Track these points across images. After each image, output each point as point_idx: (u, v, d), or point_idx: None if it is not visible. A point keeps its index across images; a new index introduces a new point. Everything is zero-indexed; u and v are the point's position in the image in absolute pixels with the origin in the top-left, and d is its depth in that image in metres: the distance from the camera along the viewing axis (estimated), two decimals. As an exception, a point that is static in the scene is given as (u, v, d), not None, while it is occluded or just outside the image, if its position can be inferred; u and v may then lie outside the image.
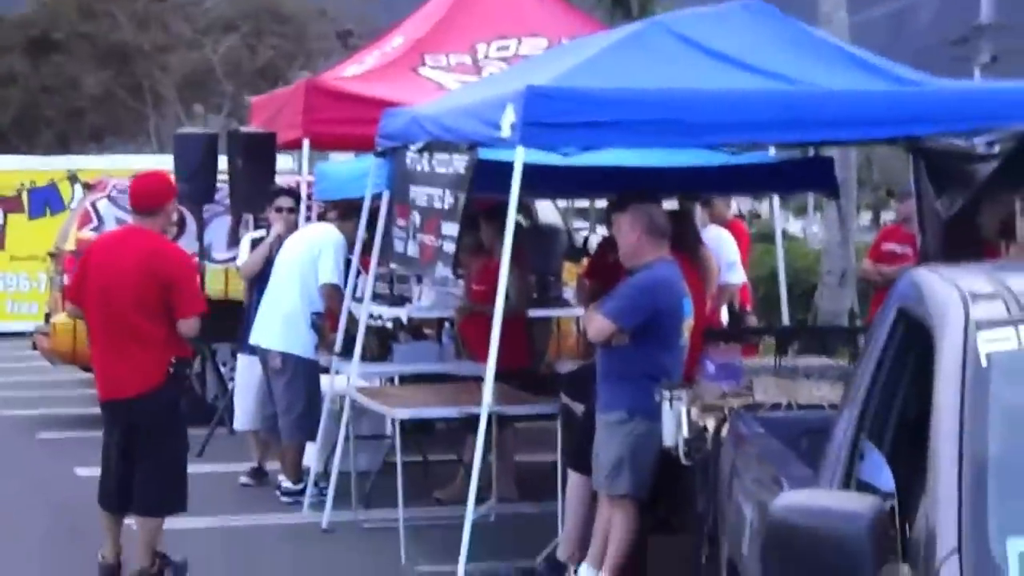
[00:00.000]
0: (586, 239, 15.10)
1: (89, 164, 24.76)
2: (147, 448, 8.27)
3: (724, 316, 11.74)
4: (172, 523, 9.84)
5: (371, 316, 12.67)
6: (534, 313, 12.00)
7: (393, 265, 10.32)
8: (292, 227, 11.29)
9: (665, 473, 7.70)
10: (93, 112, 45.71)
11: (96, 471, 8.66)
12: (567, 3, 13.66)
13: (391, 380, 11.73)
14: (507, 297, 10.77)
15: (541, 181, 10.61)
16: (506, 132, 7.83)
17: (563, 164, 10.06)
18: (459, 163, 8.51)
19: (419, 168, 9.16)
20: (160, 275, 8.13)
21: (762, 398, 7.57)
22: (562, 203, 16.30)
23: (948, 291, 3.82)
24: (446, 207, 8.66)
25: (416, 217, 9.13)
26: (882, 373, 4.14)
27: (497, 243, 10.76)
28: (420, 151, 9.12)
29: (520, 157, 7.83)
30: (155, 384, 8.16)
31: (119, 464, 8.35)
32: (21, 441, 13.78)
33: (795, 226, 46.89)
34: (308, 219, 11.98)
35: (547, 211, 14.73)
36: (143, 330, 8.12)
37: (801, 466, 4.84)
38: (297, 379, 10.70)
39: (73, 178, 23.04)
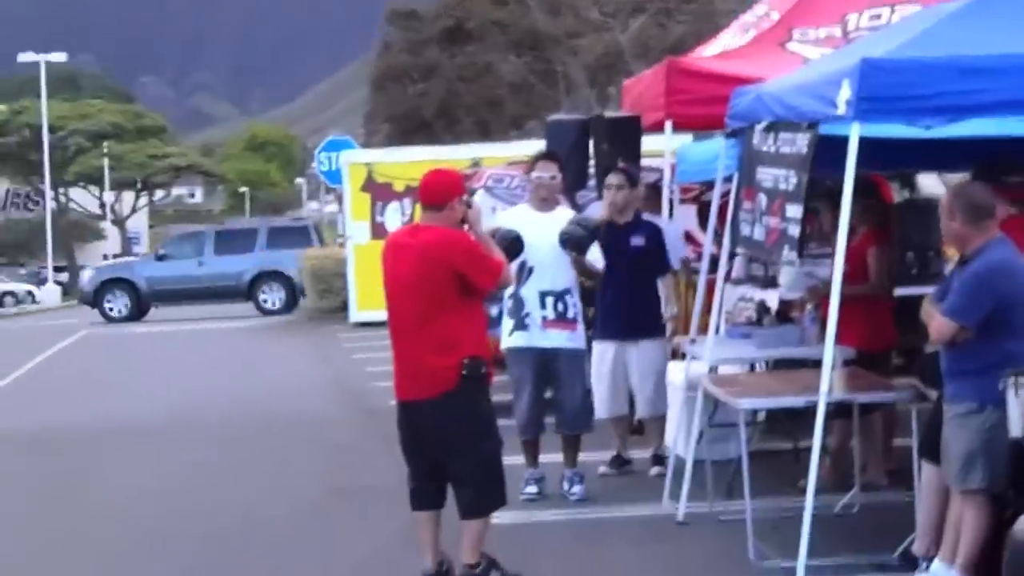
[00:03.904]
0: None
1: (492, 152, 25.37)
2: (454, 451, 8.22)
3: None
4: (525, 517, 9.99)
5: (741, 299, 12.47)
6: (909, 291, 11.53)
7: (740, 249, 10.03)
8: (622, 206, 11.13)
9: (1020, 463, 7.23)
10: (511, 99, 46.66)
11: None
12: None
13: (766, 364, 11.49)
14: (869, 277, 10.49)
15: (901, 153, 10.22)
16: (842, 109, 7.49)
17: (927, 136, 9.60)
18: (801, 142, 8.20)
19: (765, 148, 8.87)
20: (442, 263, 8.05)
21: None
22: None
23: None
24: (790, 188, 8.37)
25: (762, 199, 8.85)
26: None
27: (860, 221, 10.42)
28: (766, 130, 8.84)
29: (856, 134, 7.46)
30: (447, 388, 8.08)
31: (423, 462, 8.36)
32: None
33: None
34: (671, 202, 11.80)
35: (930, 183, 14.13)
36: (435, 330, 8.06)
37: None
38: None
39: (476, 165, 23.53)
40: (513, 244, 9.91)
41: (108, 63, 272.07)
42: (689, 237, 13.48)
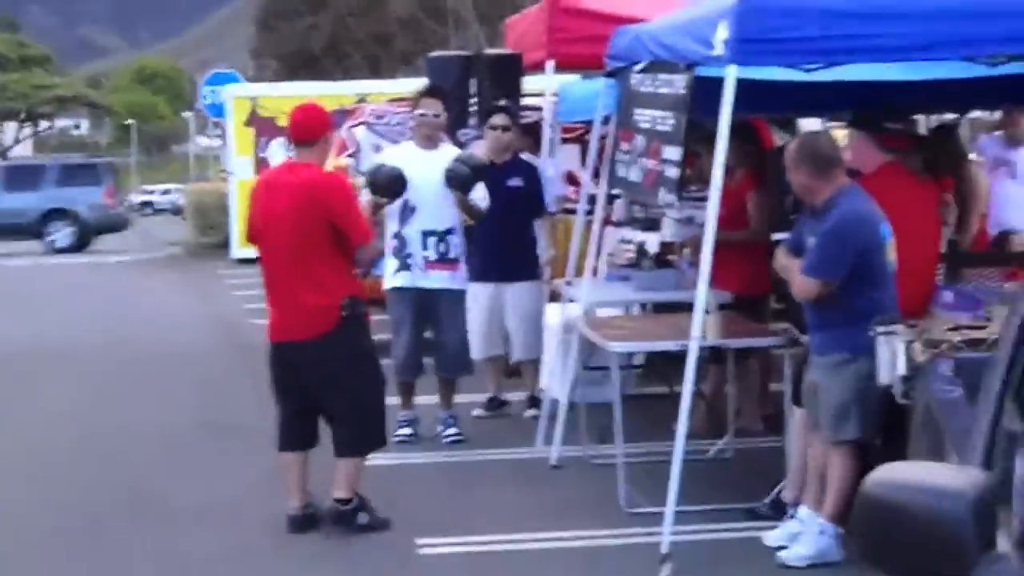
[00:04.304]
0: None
1: (378, 88, 25.05)
2: (333, 391, 8.12)
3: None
4: (402, 458, 9.86)
5: (622, 240, 12.38)
6: (787, 236, 11.51)
7: (616, 190, 9.93)
8: (505, 148, 10.99)
9: (889, 411, 7.20)
10: (401, 35, 46.27)
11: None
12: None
13: (642, 307, 11.42)
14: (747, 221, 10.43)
15: (783, 98, 10.13)
16: (719, 50, 7.38)
17: (807, 80, 9.52)
18: (679, 83, 8.09)
19: (643, 89, 8.76)
20: (320, 207, 7.94)
21: (994, 331, 6.99)
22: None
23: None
24: (668, 129, 8.25)
25: (639, 140, 8.74)
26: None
27: (738, 164, 10.35)
28: (643, 71, 8.72)
29: (732, 76, 7.36)
30: (327, 328, 7.98)
31: (296, 402, 8.23)
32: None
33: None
34: (552, 141, 11.69)
35: (811, 127, 14.09)
36: (309, 271, 7.95)
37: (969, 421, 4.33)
38: None
39: (362, 101, 23.19)
40: (396, 181, 9.77)
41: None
42: (572, 177, 13.39)
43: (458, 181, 10.06)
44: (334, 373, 8.08)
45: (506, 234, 10.89)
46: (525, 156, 11.24)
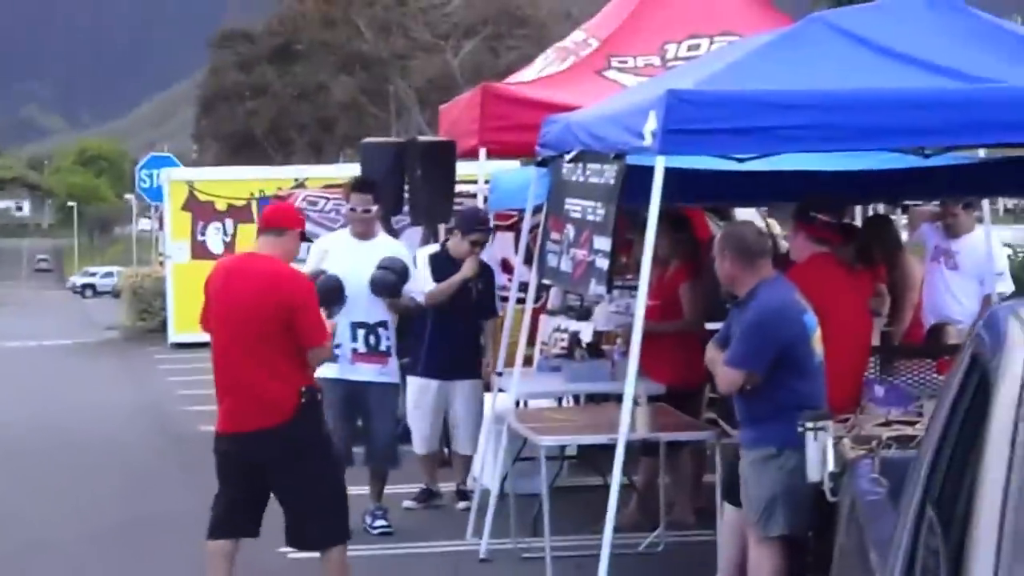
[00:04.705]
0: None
1: (317, 172, 25.03)
2: (293, 481, 7.85)
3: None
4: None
5: (556, 329, 12.29)
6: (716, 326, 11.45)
7: (546, 280, 9.85)
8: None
9: (819, 508, 7.09)
10: (343, 119, 46.37)
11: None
12: (767, -1, 12.92)
13: (576, 399, 11.31)
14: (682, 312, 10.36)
15: (719, 187, 10.13)
16: (648, 140, 7.30)
17: (742, 169, 9.51)
18: (609, 173, 8.03)
19: (574, 178, 8.70)
20: (283, 298, 7.75)
21: (923, 427, 6.92)
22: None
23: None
24: (598, 219, 8.18)
25: (570, 230, 8.66)
26: (952, 428, 3.53)
27: (671, 255, 10.30)
28: (573, 160, 8.66)
29: (661, 166, 7.29)
30: (285, 418, 7.73)
31: (244, 493, 7.94)
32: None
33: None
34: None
35: (748, 216, 14.08)
36: (269, 359, 7.70)
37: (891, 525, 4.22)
38: None
39: (301, 187, 23.11)
40: (333, 292, 9.67)
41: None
42: (506, 265, 13.30)
43: (383, 288, 9.99)
44: (293, 462, 7.81)
45: (459, 333, 10.89)
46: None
